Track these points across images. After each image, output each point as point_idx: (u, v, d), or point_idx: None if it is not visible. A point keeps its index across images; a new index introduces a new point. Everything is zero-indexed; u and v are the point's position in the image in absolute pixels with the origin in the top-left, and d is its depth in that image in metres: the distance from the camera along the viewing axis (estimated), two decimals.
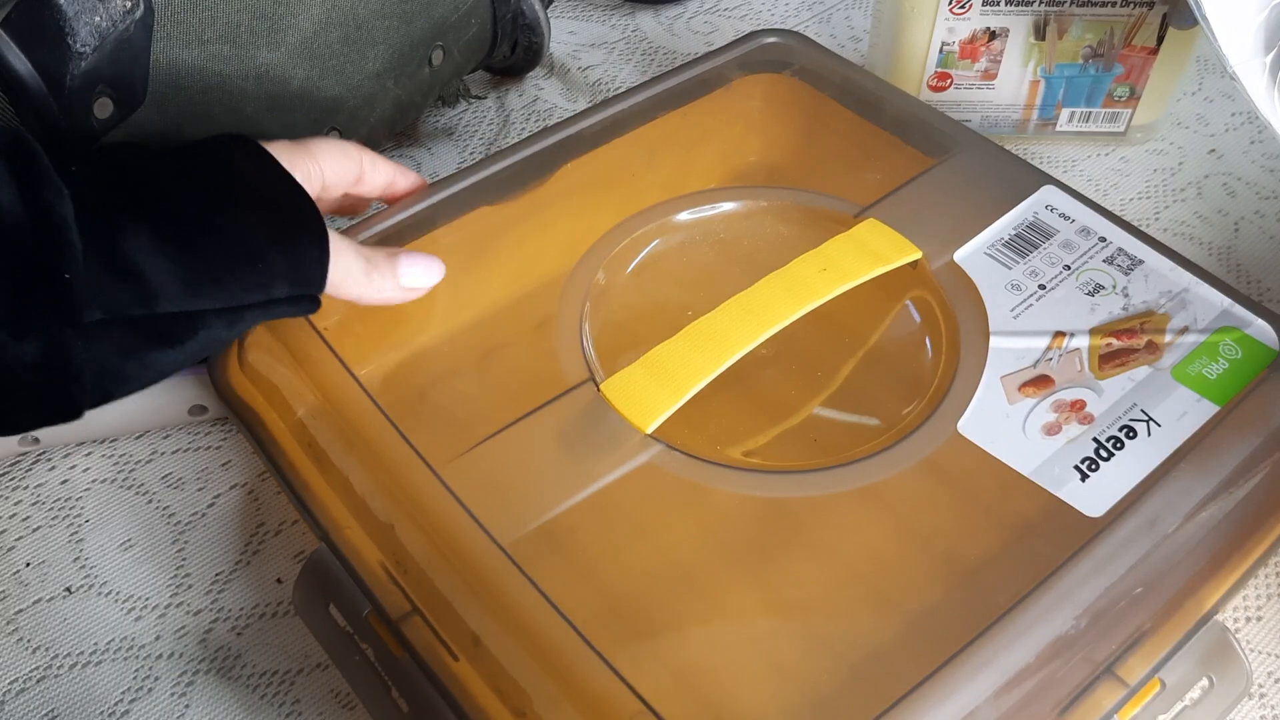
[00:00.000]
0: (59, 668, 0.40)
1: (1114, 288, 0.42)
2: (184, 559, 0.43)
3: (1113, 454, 0.37)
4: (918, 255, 0.43)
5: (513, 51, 0.62)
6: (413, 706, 0.33)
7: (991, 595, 0.34)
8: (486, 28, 0.59)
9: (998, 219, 0.45)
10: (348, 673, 0.35)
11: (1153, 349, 0.40)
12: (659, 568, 0.36)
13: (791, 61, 0.52)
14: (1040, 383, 0.39)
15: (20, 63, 0.39)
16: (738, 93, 0.52)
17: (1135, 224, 0.57)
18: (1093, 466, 0.37)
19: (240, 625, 0.41)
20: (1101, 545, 0.34)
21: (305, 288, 0.36)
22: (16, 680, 0.40)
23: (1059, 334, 0.41)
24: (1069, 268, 0.43)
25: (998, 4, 0.54)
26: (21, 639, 0.41)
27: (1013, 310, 0.42)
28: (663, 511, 0.37)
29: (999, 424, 0.39)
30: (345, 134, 0.52)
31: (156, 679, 0.40)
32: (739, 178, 0.50)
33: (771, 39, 0.53)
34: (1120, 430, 0.38)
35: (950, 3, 0.54)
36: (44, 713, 0.39)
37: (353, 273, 0.38)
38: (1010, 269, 0.43)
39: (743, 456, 0.39)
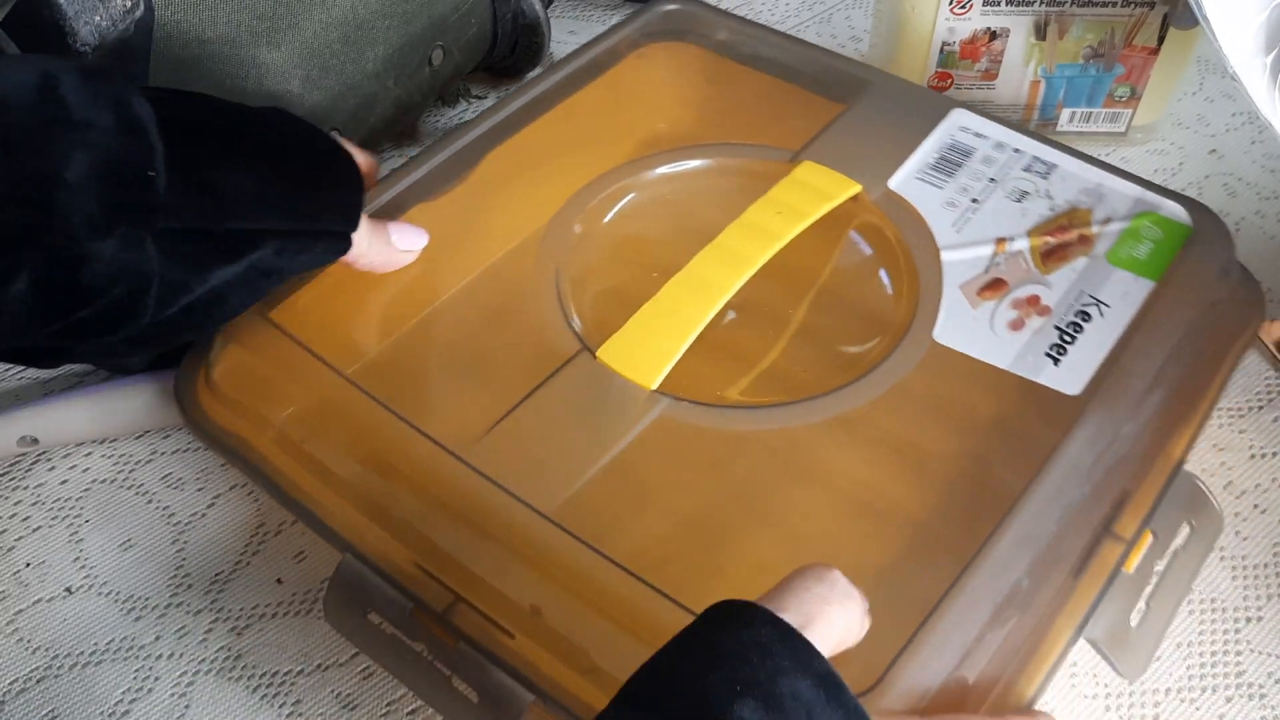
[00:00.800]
0: (59, 668, 0.40)
1: (1037, 192, 0.46)
2: (184, 559, 0.43)
3: (1075, 338, 0.41)
4: (857, 189, 0.46)
5: (513, 51, 0.62)
6: (482, 693, 0.33)
7: (1004, 481, 0.36)
8: (486, 28, 0.59)
9: (919, 146, 0.48)
10: (404, 675, 0.36)
11: (1085, 241, 0.44)
12: (691, 511, 0.38)
13: (691, 28, 0.54)
14: (996, 285, 0.43)
15: None
16: (645, 62, 0.53)
17: None
18: (1061, 351, 0.40)
19: (240, 625, 0.41)
20: (1088, 419, 0.37)
21: (345, 224, 0.39)
22: (17, 680, 0.40)
23: (1000, 240, 0.44)
24: (994, 180, 0.46)
25: (998, 4, 0.54)
26: (22, 639, 0.41)
27: (954, 225, 0.45)
28: (684, 459, 0.39)
29: (970, 327, 0.41)
30: (345, 134, 0.52)
31: (157, 679, 0.40)
32: (656, 145, 0.51)
33: (670, 6, 0.54)
34: (1076, 315, 0.41)
35: (951, 3, 0.54)
36: (44, 713, 0.39)
37: (362, 232, 0.40)
38: (942, 189, 0.46)
39: (745, 397, 0.41)
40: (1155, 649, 0.36)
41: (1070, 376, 0.39)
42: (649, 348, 0.40)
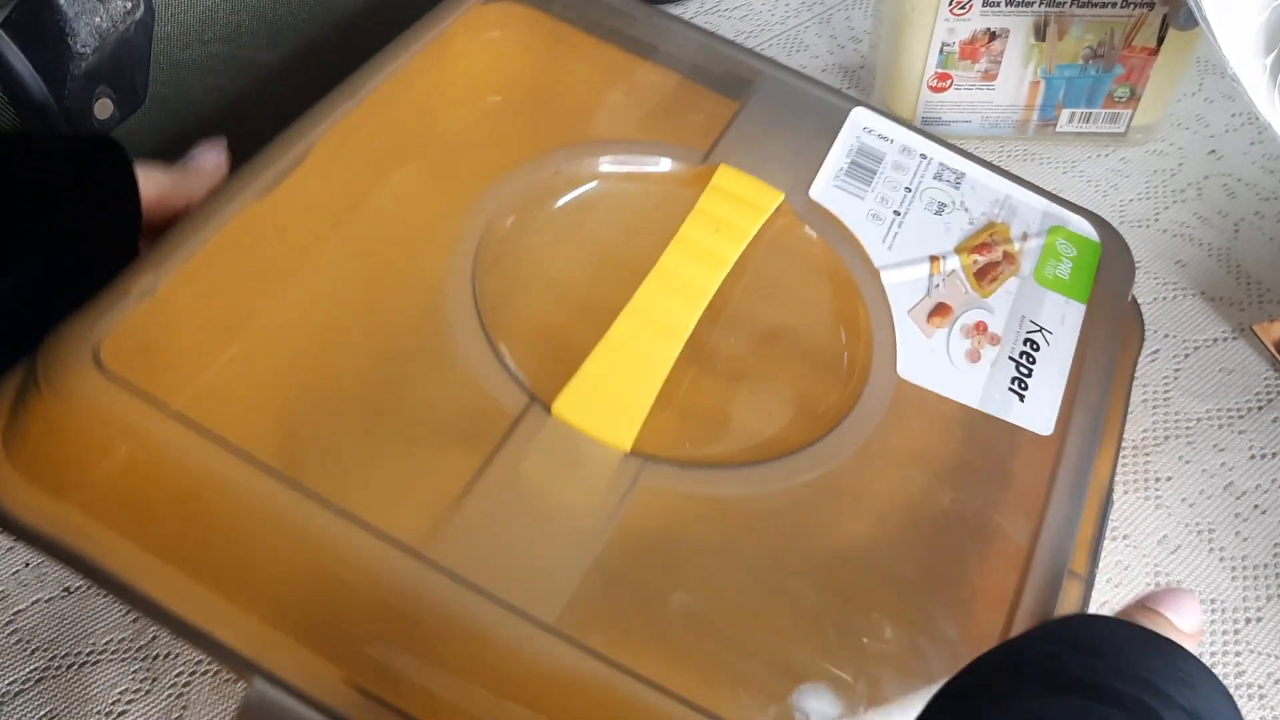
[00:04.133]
0: (57, 668, 0.40)
1: (953, 204, 0.44)
2: None
3: (1031, 370, 0.39)
4: (780, 198, 0.42)
5: None
6: None
7: (1009, 536, 0.35)
8: None
9: (830, 150, 0.44)
10: None
11: (1010, 259, 0.43)
12: (708, 595, 0.32)
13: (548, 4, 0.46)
14: (942, 310, 0.41)
15: (21, 63, 0.39)
16: (483, 31, 0.45)
17: (1136, 224, 0.57)
18: (1023, 386, 0.39)
19: None
20: (1067, 461, 0.37)
21: (118, 224, 0.34)
22: (15, 681, 0.40)
23: (934, 258, 0.42)
24: (909, 189, 0.44)
25: (998, 5, 0.54)
26: (20, 639, 0.41)
27: (884, 241, 0.42)
28: (678, 532, 0.34)
29: (929, 360, 0.39)
30: None
31: (154, 679, 0.40)
32: (501, 131, 0.43)
33: None
34: (1025, 344, 0.40)
35: (950, 3, 0.54)
36: (42, 713, 0.39)
37: (163, 181, 0.36)
38: (863, 199, 0.43)
39: (726, 454, 0.36)
40: None
41: (1039, 415, 0.38)
42: (613, 400, 0.34)
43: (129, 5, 0.41)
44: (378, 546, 0.28)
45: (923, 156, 0.45)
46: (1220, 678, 0.40)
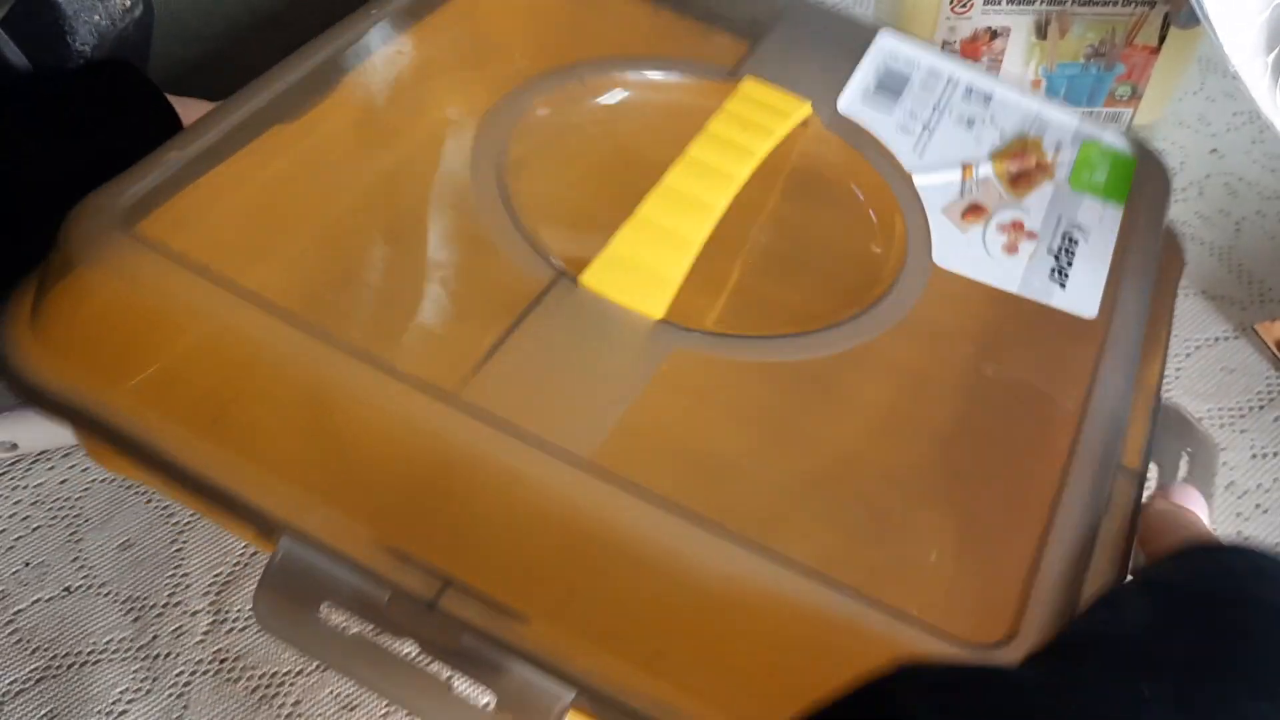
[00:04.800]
0: (57, 668, 0.40)
1: (983, 120, 0.44)
2: (183, 559, 0.43)
3: (1071, 261, 0.40)
4: (808, 108, 0.43)
5: None
6: (502, 697, 0.26)
7: (1058, 404, 0.35)
8: None
9: (856, 69, 0.45)
10: (384, 685, 0.28)
11: (1044, 168, 0.43)
12: (729, 453, 0.33)
13: None
14: (976, 210, 0.41)
15: (20, 61, 0.39)
16: None
17: None
18: (1063, 275, 0.39)
19: (239, 626, 0.41)
20: (1114, 341, 0.36)
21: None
22: (15, 680, 0.40)
23: (966, 165, 0.42)
24: (937, 107, 0.44)
25: (999, 3, 0.54)
26: (20, 639, 0.41)
27: (914, 150, 0.43)
28: (705, 396, 0.34)
29: (966, 251, 0.39)
30: None
31: (155, 679, 0.40)
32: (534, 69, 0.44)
33: None
34: (1063, 239, 0.40)
35: (952, 2, 0.54)
36: (43, 713, 0.39)
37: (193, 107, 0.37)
38: (891, 114, 0.44)
39: (759, 328, 0.36)
40: None
41: (1082, 300, 0.38)
42: (643, 271, 0.34)
43: (128, 3, 0.41)
44: (408, 394, 0.28)
45: (950, 80, 0.46)
46: None
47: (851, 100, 0.44)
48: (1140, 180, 0.43)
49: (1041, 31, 0.55)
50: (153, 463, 0.29)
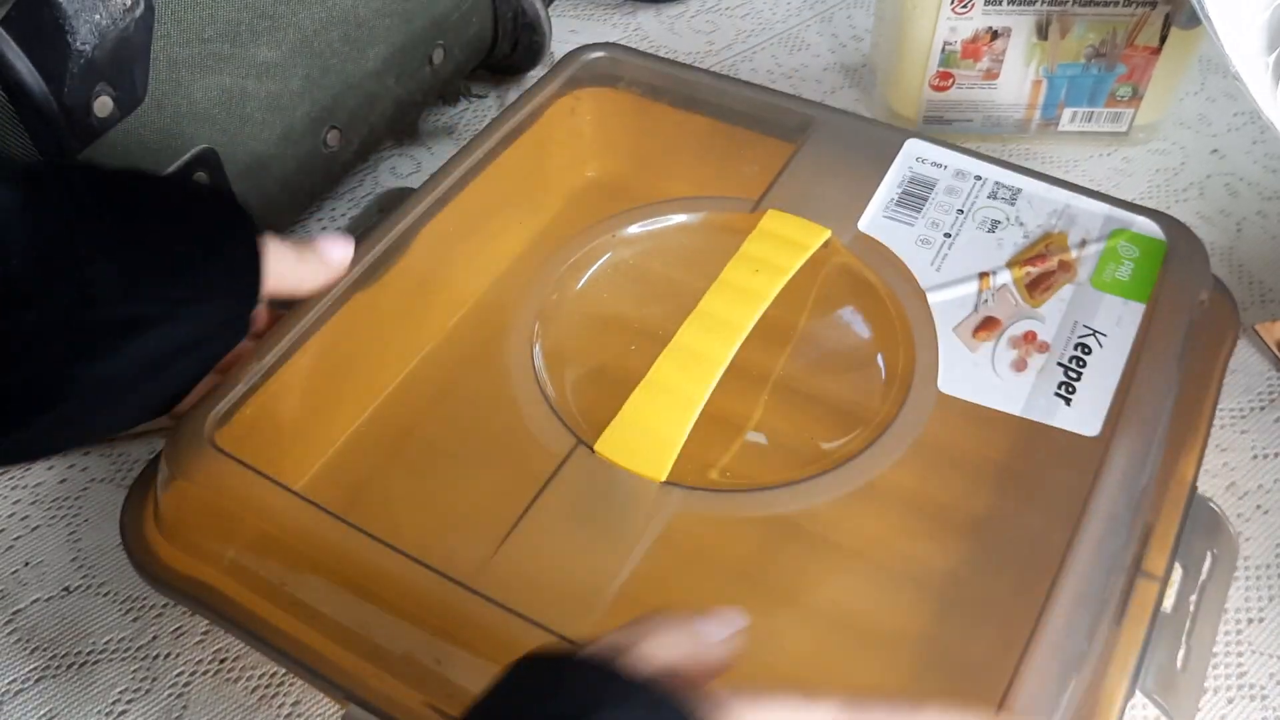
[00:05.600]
0: (57, 668, 0.40)
1: (1008, 220, 0.44)
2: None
3: (1080, 373, 0.39)
4: (827, 234, 0.44)
5: (513, 50, 0.62)
6: None
7: (1044, 534, 0.35)
8: (487, 26, 0.59)
9: (880, 182, 0.46)
10: None
11: (1066, 267, 0.43)
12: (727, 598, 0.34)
13: (620, 74, 0.51)
14: (989, 325, 0.41)
15: (20, 61, 0.39)
16: (574, 114, 0.50)
17: None
18: (1070, 390, 0.39)
19: None
20: (1113, 460, 0.36)
21: (239, 296, 0.36)
22: (15, 680, 0.40)
23: (984, 275, 0.43)
24: (962, 211, 0.45)
25: (1000, 3, 0.54)
26: (20, 639, 0.41)
27: (932, 264, 0.43)
28: (706, 552, 0.36)
29: (973, 374, 0.40)
30: (346, 132, 0.52)
31: (154, 679, 0.40)
32: (597, 201, 0.49)
33: (595, 54, 0.51)
34: (1076, 349, 0.40)
35: (952, 2, 0.54)
36: (42, 713, 0.39)
37: (287, 261, 0.39)
38: (913, 226, 0.44)
39: (756, 477, 0.39)
40: (1201, 689, 0.35)
41: (1085, 416, 0.38)
42: (650, 435, 0.37)
43: (128, 2, 0.41)
44: (440, 585, 0.32)
45: (978, 178, 0.46)
46: (1222, 678, 0.40)
47: (874, 216, 0.45)
48: (1170, 268, 0.42)
49: (1042, 32, 0.55)
50: (248, 635, 0.34)
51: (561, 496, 0.37)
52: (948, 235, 0.44)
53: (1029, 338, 0.40)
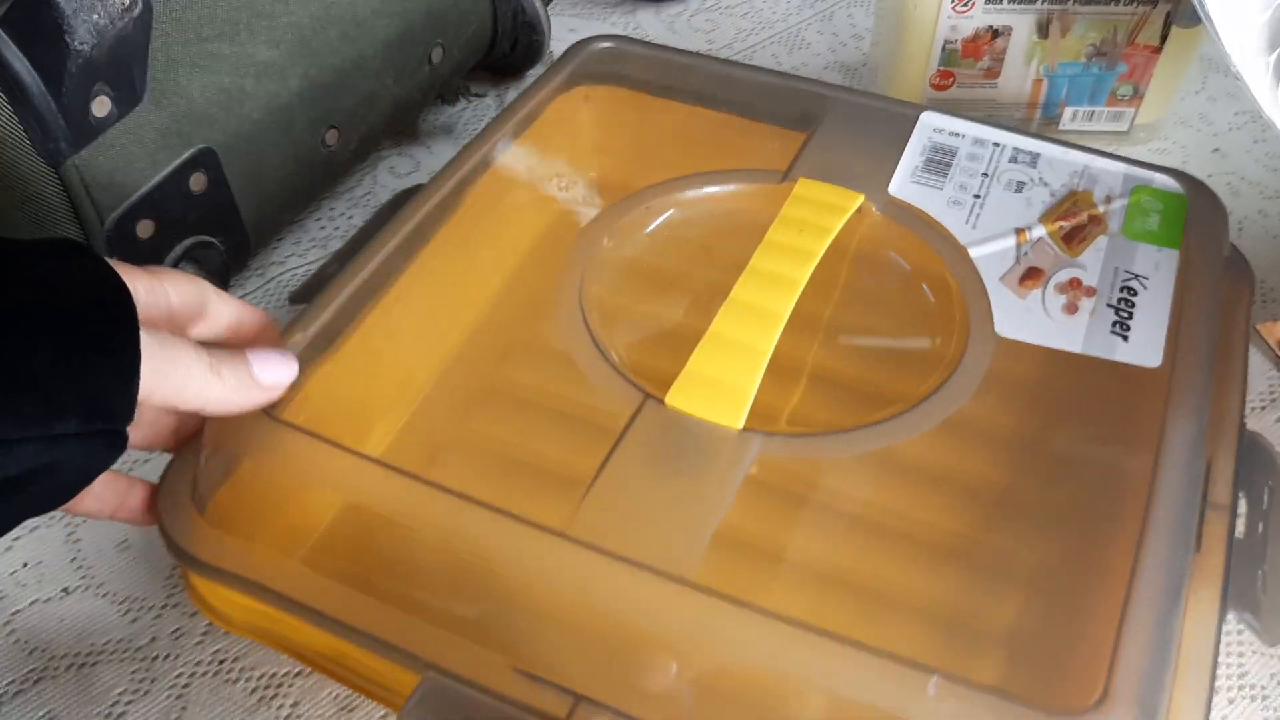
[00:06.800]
0: (56, 669, 0.40)
1: (1033, 181, 0.45)
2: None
3: (1131, 312, 0.40)
4: (861, 198, 0.44)
5: (513, 49, 0.62)
6: None
7: (1128, 464, 0.36)
8: (486, 25, 0.59)
9: (903, 151, 0.47)
10: None
11: (1096, 221, 0.44)
12: (821, 552, 0.36)
13: (624, 68, 0.51)
14: (1034, 274, 0.42)
15: (18, 61, 0.39)
16: (581, 107, 0.51)
17: None
18: (1124, 327, 0.40)
19: None
20: (1179, 388, 0.37)
21: (102, 420, 0.28)
22: (14, 681, 0.40)
23: (1019, 230, 0.43)
24: (987, 175, 0.46)
25: (1001, 2, 0.54)
26: (19, 640, 0.41)
27: (967, 222, 0.44)
28: (792, 496, 0.37)
29: (1027, 318, 0.41)
30: (344, 132, 0.52)
31: (154, 680, 0.40)
32: (611, 191, 0.48)
33: (602, 44, 0.51)
34: (1122, 291, 0.41)
35: (953, 1, 0.54)
36: (41, 714, 0.39)
37: (194, 375, 0.31)
38: (941, 189, 0.45)
39: (833, 421, 0.39)
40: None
41: (1145, 350, 0.39)
42: (721, 385, 0.37)
43: (126, 2, 0.41)
44: (528, 535, 0.32)
45: (995, 145, 0.47)
46: (1223, 679, 0.40)
47: (902, 183, 0.45)
48: (1194, 218, 0.44)
49: (1043, 30, 0.55)
50: (312, 615, 0.32)
51: (639, 448, 0.36)
52: (977, 196, 0.45)
53: (1074, 284, 0.41)
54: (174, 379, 0.30)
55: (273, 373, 0.34)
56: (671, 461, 0.36)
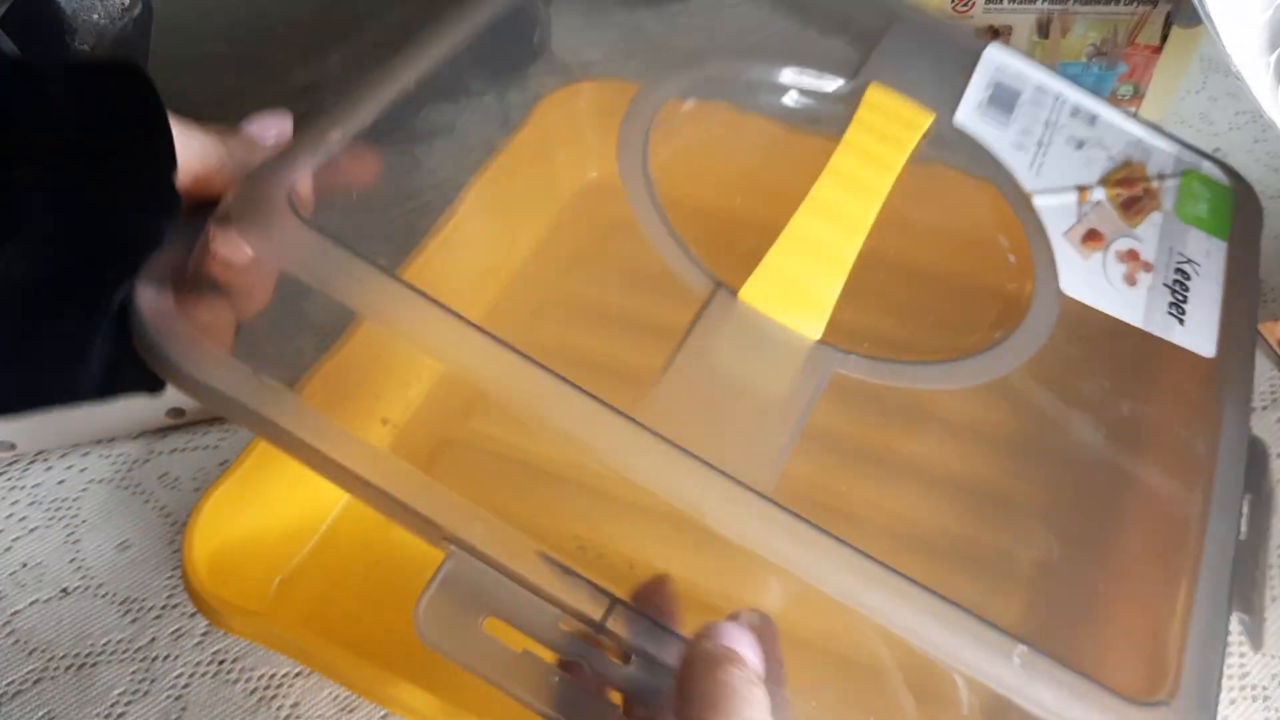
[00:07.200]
0: (55, 669, 0.40)
1: (1091, 141, 0.44)
2: (181, 560, 0.43)
3: (1185, 296, 0.40)
4: (933, 117, 0.42)
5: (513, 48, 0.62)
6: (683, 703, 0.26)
7: (1193, 446, 0.36)
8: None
9: (969, 81, 0.44)
10: (548, 707, 0.27)
11: (1151, 195, 0.43)
12: (902, 479, 0.36)
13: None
14: (1095, 236, 0.41)
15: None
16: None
17: None
18: (1180, 311, 0.39)
19: None
20: (1233, 381, 0.37)
21: (150, 202, 0.29)
22: (13, 682, 0.40)
23: (1081, 188, 0.42)
24: (1049, 124, 0.44)
25: (1001, 2, 0.54)
26: (18, 640, 0.41)
27: (1031, 167, 0.42)
28: (868, 420, 0.36)
29: (1090, 280, 0.40)
30: None
31: (153, 681, 0.40)
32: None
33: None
34: (1176, 274, 0.40)
35: (953, 1, 0.54)
36: (41, 714, 0.39)
37: (203, 145, 0.32)
38: (1005, 129, 0.43)
39: (909, 351, 0.37)
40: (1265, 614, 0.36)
41: (1200, 338, 0.39)
42: (800, 289, 0.34)
43: (127, 2, 0.41)
44: (593, 412, 0.28)
45: (1057, 96, 0.45)
46: (1223, 679, 0.39)
47: (968, 113, 0.43)
48: (1239, 213, 0.43)
49: (1043, 30, 0.55)
50: (331, 471, 0.29)
51: (709, 342, 0.33)
52: (1040, 144, 0.43)
53: (1133, 255, 0.41)
54: (204, 163, 0.31)
55: (270, 131, 0.35)
56: (744, 362, 0.33)
